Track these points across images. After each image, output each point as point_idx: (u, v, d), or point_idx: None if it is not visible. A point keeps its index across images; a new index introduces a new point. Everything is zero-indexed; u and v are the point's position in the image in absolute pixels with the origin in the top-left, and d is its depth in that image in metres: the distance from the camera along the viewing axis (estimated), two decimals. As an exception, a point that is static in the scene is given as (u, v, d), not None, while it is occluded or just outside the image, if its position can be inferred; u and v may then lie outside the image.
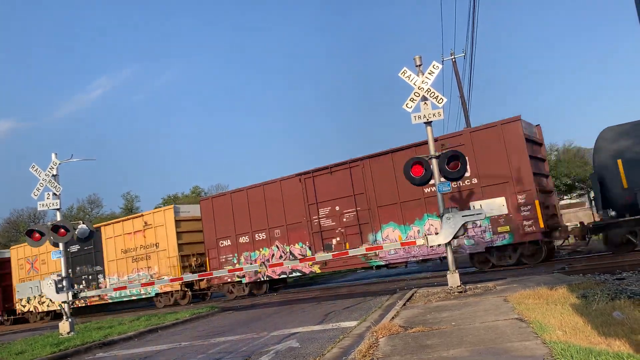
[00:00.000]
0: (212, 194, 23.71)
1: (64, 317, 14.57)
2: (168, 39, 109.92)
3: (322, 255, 15.30)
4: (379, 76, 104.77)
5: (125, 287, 19.72)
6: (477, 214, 11.34)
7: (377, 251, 16.91)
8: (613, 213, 14.80)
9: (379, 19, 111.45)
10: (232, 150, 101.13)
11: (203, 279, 22.27)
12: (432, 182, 12.15)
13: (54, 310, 27.34)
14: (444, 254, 14.31)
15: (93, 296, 23.92)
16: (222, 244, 21.86)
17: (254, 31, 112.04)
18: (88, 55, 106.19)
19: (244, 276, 21.14)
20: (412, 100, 11.75)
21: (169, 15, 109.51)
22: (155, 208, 52.18)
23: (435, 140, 12.61)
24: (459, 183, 16.30)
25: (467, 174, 15.74)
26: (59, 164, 15.18)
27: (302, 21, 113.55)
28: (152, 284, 19.01)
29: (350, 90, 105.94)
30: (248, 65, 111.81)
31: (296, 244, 19.90)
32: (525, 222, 15.59)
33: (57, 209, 15.07)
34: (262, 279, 21.08)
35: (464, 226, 11.48)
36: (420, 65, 11.90)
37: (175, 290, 23.17)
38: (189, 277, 18.00)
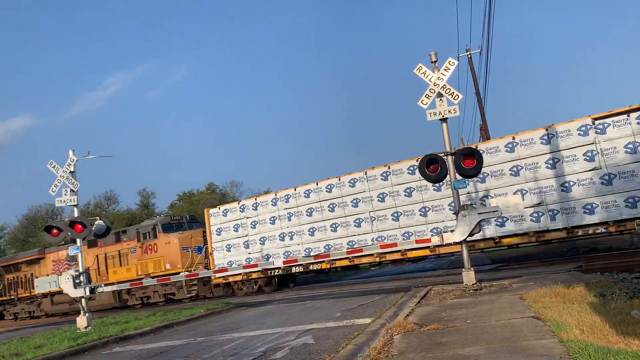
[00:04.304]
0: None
1: (82, 311, 14.77)
2: (181, 36, 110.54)
3: None
4: (393, 73, 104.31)
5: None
6: (493, 211, 11.26)
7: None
8: None
9: (391, 14, 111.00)
10: (245, 148, 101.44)
11: None
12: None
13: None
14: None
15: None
16: None
17: (267, 29, 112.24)
18: (103, 52, 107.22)
19: None
20: (428, 96, 11.68)
21: (182, 12, 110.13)
22: (172, 204, 52.54)
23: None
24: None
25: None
26: (76, 160, 15.37)
27: (315, 16, 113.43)
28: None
29: (364, 87, 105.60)
30: (261, 62, 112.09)
31: None
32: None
33: (75, 205, 15.27)
34: None
35: (479, 223, 11.41)
36: (435, 62, 11.83)
37: None
38: None
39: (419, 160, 12.03)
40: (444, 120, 11.71)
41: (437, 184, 16.17)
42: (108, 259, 26.96)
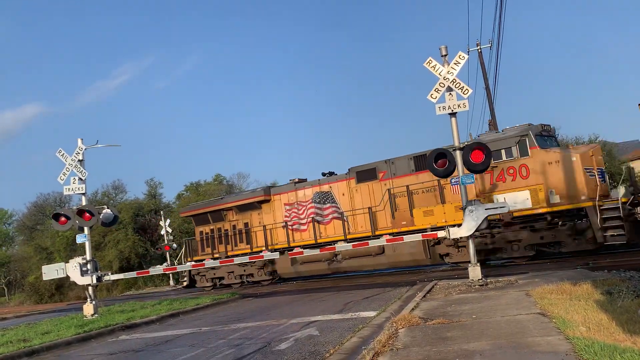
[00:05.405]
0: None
1: (88, 299, 14.89)
2: (191, 26, 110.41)
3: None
4: (401, 67, 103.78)
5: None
6: (501, 207, 11.21)
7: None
8: None
9: (400, 9, 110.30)
10: (252, 139, 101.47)
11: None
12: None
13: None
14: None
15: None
16: None
17: (275, 19, 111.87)
18: (113, 42, 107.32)
19: None
20: (437, 90, 11.61)
21: (192, 2, 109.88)
22: (179, 194, 52.81)
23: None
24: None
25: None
26: (85, 149, 15.43)
27: (325, 9, 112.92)
28: None
29: (370, 80, 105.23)
30: (270, 54, 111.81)
31: None
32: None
33: (83, 194, 15.36)
34: None
35: (487, 219, 11.36)
36: (445, 56, 11.75)
37: None
38: None
39: (428, 154, 11.93)
40: (453, 114, 11.65)
41: None
42: (410, 194, 18.25)
